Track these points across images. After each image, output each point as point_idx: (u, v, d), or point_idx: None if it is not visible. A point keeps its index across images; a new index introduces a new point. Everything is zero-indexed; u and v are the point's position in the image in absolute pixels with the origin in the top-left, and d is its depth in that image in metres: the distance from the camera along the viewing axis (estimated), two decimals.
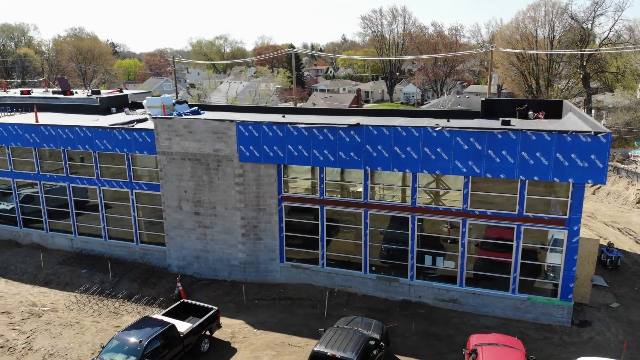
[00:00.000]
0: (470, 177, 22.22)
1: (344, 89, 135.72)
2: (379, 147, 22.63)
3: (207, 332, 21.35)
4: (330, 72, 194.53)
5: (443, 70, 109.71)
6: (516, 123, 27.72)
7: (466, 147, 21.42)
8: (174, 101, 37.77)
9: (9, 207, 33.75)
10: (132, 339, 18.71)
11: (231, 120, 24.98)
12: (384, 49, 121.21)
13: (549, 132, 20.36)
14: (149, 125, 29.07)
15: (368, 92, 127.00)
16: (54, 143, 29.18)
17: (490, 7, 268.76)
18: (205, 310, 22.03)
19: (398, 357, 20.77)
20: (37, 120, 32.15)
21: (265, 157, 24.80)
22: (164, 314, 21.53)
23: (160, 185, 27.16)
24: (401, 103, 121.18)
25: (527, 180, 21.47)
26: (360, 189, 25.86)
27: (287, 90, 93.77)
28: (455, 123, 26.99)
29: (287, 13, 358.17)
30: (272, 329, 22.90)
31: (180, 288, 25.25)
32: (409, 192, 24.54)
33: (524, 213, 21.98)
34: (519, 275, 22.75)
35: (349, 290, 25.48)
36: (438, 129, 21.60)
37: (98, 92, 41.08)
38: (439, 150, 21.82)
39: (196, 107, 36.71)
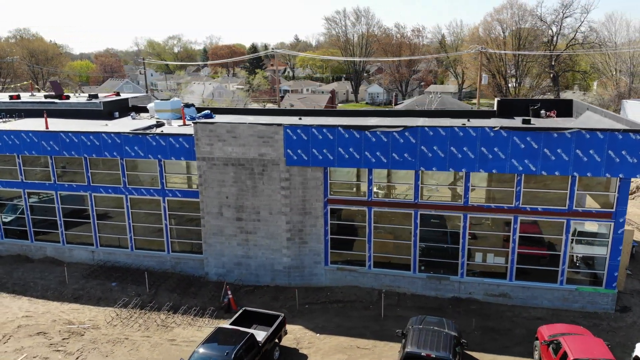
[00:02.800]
0: (523, 175, 23.04)
1: (307, 90, 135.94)
2: (435, 147, 23.04)
3: (276, 340, 21.01)
4: (289, 72, 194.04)
5: (407, 71, 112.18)
6: (535, 122, 29.08)
7: (523, 146, 22.21)
8: (182, 104, 36.88)
9: (7, 220, 31.62)
10: (217, 352, 18.16)
11: (279, 124, 24.63)
12: (348, 49, 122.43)
13: (603, 130, 21.48)
14: (179, 130, 28.18)
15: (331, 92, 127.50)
16: (75, 151, 27.65)
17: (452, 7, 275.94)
18: (269, 317, 21.66)
19: (467, 352, 21.25)
20: (46, 127, 30.37)
21: (314, 160, 24.65)
22: (231, 323, 20.99)
23: (200, 191, 26.36)
24: (366, 103, 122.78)
25: (577, 177, 22.53)
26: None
27: (262, 91, 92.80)
28: (476, 122, 28.10)
29: (233, 13, 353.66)
30: (334, 333, 22.81)
31: (230, 296, 24.65)
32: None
33: (574, 208, 23.06)
34: (556, 268, 23.89)
35: (397, 290, 25.74)
36: (496, 129, 22.28)
37: (96, 96, 39.18)
38: (496, 149, 22.49)
39: (208, 111, 36.01)
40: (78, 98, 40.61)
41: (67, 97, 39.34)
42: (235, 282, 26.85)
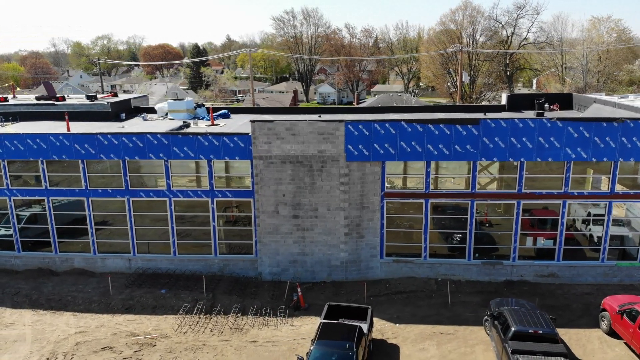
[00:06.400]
0: (572, 162, 24.92)
1: (255, 90, 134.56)
2: (496, 138, 24.33)
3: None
4: (219, 73, 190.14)
5: (358, 71, 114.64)
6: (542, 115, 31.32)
7: (576, 135, 24.04)
8: (194, 105, 35.98)
9: (9, 232, 29.22)
10: (337, 347, 18.21)
11: (340, 121, 24.84)
12: (298, 49, 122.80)
13: None
14: (229, 129, 27.50)
15: (282, 92, 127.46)
16: (115, 153, 26.13)
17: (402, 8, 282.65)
18: (356, 310, 21.82)
19: None
20: (68, 129, 28.47)
21: (376, 155, 25.10)
22: (324, 319, 20.97)
23: (255, 190, 25.91)
24: (317, 103, 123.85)
25: (619, 162, 24.73)
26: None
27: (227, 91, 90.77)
28: (492, 116, 29.89)
29: (153, 13, 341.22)
30: (412, 322, 23.42)
31: (300, 294, 24.53)
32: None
33: (614, 190, 25.30)
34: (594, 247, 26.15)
35: (452, 278, 26.77)
36: (553, 120, 23.96)
37: (95, 97, 36.95)
38: (552, 139, 24.16)
39: (225, 110, 35.36)
40: (72, 99, 38.13)
41: (63, 99, 36.77)
42: (291, 281, 26.64)
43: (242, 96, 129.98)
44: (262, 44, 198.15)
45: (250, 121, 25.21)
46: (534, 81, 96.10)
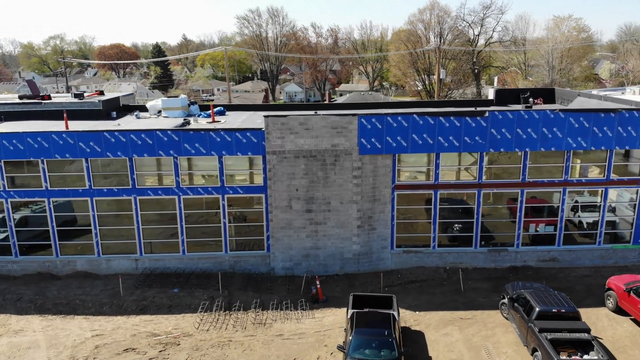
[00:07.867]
0: (572, 152, 26.26)
1: (218, 89, 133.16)
2: (503, 130, 25.33)
3: None
4: (186, 72, 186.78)
5: (325, 70, 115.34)
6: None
7: (577, 125, 25.36)
8: (188, 102, 35.55)
9: (2, 236, 28.01)
10: (376, 335, 18.59)
11: (353, 114, 25.19)
12: (263, 48, 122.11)
13: (639, 110, 25.38)
14: (243, 125, 27.28)
15: (248, 92, 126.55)
16: (122, 151, 25.46)
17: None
18: (379, 300, 22.20)
19: None
20: (66, 127, 27.54)
21: (388, 148, 25.60)
22: (352, 308, 21.26)
23: (269, 185, 25.88)
24: (284, 102, 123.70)
25: (614, 150, 26.28)
26: None
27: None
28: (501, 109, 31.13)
29: (107, 11, 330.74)
30: (430, 309, 24.06)
31: (319, 286, 24.71)
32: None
33: (610, 177, 26.84)
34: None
35: (459, 266, 27.61)
36: (556, 111, 25.17)
37: (82, 95, 35.76)
38: (555, 129, 25.38)
39: (221, 107, 35.11)
40: (58, 98, 36.74)
41: (49, 97, 35.38)
42: (307, 274, 26.75)
43: (205, 96, 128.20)
44: (221, 43, 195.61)
45: (264, 116, 25.18)
46: (495, 79, 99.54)
